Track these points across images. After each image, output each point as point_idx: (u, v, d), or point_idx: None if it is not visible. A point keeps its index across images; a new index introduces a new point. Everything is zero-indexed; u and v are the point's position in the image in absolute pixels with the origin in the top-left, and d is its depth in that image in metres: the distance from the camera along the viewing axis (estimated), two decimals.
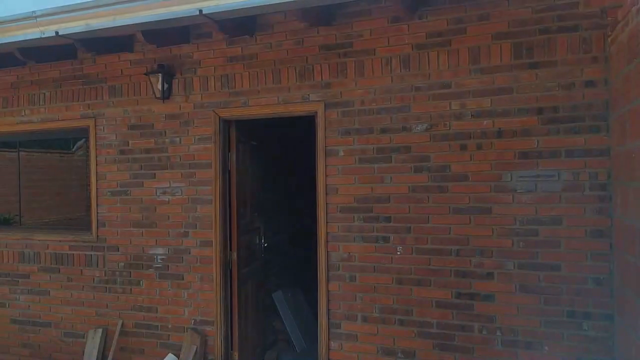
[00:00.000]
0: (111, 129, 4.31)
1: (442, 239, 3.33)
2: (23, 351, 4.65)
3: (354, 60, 3.56)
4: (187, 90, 4.08)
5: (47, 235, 4.58)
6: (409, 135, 3.42)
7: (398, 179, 3.44)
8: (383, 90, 3.48)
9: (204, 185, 4.03)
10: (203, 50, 4.03)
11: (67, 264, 4.46)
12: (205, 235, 4.03)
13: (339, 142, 3.61)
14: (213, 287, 4.00)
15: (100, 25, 3.48)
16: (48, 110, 4.53)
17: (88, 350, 4.26)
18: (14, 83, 4.67)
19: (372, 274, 3.51)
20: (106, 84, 4.32)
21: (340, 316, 3.60)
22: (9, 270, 4.69)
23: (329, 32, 3.63)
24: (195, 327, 4.04)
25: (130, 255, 4.26)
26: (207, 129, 4.02)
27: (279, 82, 3.79)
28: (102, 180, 4.36)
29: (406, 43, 3.44)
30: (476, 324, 3.26)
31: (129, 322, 4.25)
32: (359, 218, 3.55)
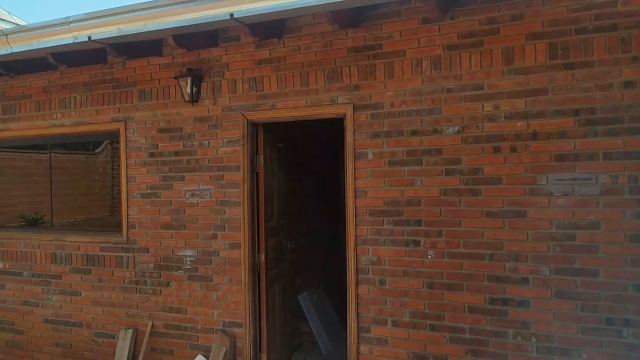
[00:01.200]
0: (141, 132, 4.37)
1: (474, 243, 3.28)
2: (56, 350, 4.74)
3: (383, 62, 3.53)
4: (215, 94, 4.10)
5: (78, 236, 4.67)
6: (440, 138, 3.37)
7: (429, 182, 3.40)
8: (413, 92, 3.45)
9: (232, 188, 4.05)
10: (231, 53, 4.05)
11: (98, 265, 4.53)
12: (234, 237, 4.05)
13: (368, 145, 3.58)
14: (241, 289, 4.02)
15: (132, 30, 3.53)
16: (79, 113, 4.61)
17: (119, 351, 4.33)
18: (45, 87, 4.77)
19: (402, 278, 3.47)
20: (136, 88, 4.38)
21: (370, 320, 3.58)
22: (42, 271, 4.80)
23: (357, 34, 3.61)
24: (224, 329, 4.07)
25: (160, 257, 4.31)
26: (235, 132, 4.04)
27: (307, 84, 3.78)
28: (132, 182, 4.41)
29: (437, 44, 3.39)
30: (510, 330, 3.20)
31: (159, 322, 4.30)
32: (389, 221, 3.51)
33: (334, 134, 4.73)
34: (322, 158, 5.91)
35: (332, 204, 6.16)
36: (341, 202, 6.01)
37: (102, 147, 6.70)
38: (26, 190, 5.76)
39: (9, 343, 4.97)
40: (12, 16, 10.21)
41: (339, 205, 6.10)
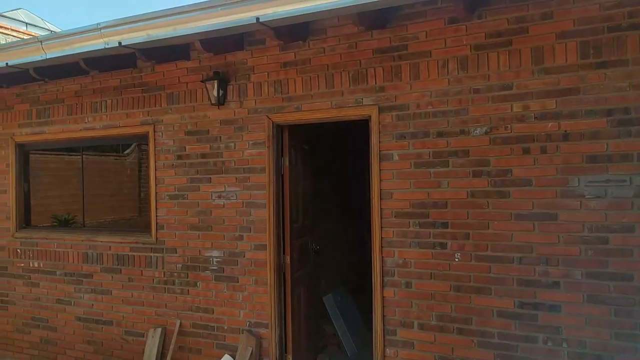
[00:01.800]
0: (169, 134, 4.45)
1: (503, 246, 3.22)
2: (87, 348, 4.88)
3: (408, 63, 3.51)
4: (241, 96, 4.15)
5: (109, 236, 4.78)
6: (467, 139, 3.33)
7: (456, 183, 3.36)
8: (439, 92, 3.41)
9: (258, 190, 4.09)
10: (257, 56, 4.09)
11: (128, 265, 4.64)
12: (259, 238, 4.09)
13: (394, 147, 3.56)
14: (267, 290, 4.05)
15: (161, 35, 3.60)
16: (109, 117, 4.73)
17: (148, 349, 4.42)
18: (77, 91, 4.91)
19: (428, 280, 3.44)
20: (164, 92, 4.46)
21: (396, 323, 3.56)
22: (74, 270, 4.94)
23: (383, 35, 3.59)
24: (250, 329, 4.11)
25: (188, 257, 4.38)
26: (260, 134, 4.07)
27: (332, 86, 3.79)
28: (160, 184, 4.50)
29: (464, 44, 3.35)
30: (540, 335, 3.13)
31: (187, 322, 4.37)
32: (415, 223, 3.49)
33: (359, 135, 4.72)
34: (346, 159, 5.92)
35: (356, 205, 6.15)
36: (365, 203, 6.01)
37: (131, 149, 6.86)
38: (58, 191, 5.94)
39: (44, 340, 5.13)
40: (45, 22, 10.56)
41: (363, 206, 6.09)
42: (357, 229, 6.15)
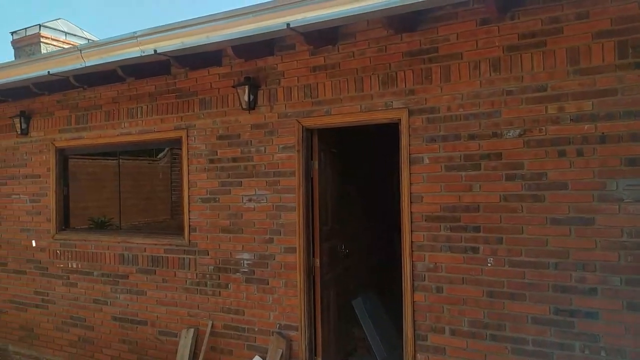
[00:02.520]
0: (201, 139, 4.55)
1: (538, 251, 3.15)
2: (122, 347, 5.02)
3: (439, 66, 3.48)
4: (271, 101, 4.20)
5: (144, 239, 4.92)
6: (499, 142, 3.28)
7: (488, 187, 3.31)
8: (471, 95, 3.37)
9: (288, 193, 4.13)
10: (287, 61, 4.14)
11: (162, 266, 4.75)
12: (289, 241, 4.12)
13: (424, 150, 3.54)
14: (297, 293, 4.08)
15: (195, 42, 3.69)
16: (145, 122, 4.87)
17: (181, 349, 4.52)
18: (114, 98, 5.07)
19: (460, 285, 3.40)
20: (197, 97, 4.57)
21: (427, 328, 3.52)
22: (111, 271, 5.09)
23: (412, 38, 3.58)
24: (280, 331, 4.14)
25: (219, 260, 4.46)
26: (290, 138, 4.11)
27: (362, 90, 3.79)
28: (193, 187, 4.60)
29: (496, 45, 3.30)
30: (577, 343, 3.04)
31: (218, 323, 4.44)
32: (446, 227, 3.45)
33: (387, 138, 4.71)
34: (375, 163, 5.90)
35: (384, 208, 6.12)
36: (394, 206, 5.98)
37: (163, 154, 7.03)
38: (94, 194, 6.15)
39: (81, 338, 5.31)
40: (83, 32, 10.94)
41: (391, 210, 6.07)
42: (385, 232, 6.13)
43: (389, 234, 5.91)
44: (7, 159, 5.88)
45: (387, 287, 5.86)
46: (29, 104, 5.64)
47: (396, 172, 3.82)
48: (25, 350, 5.75)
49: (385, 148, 5.35)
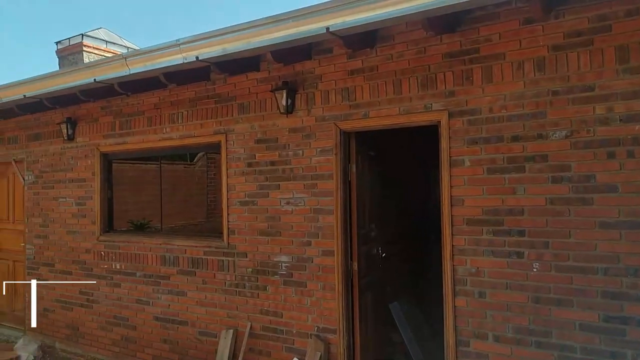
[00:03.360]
0: (240, 143, 4.62)
1: (586, 256, 3.05)
2: (163, 346, 5.14)
3: (480, 66, 3.43)
4: (309, 105, 4.23)
5: (184, 240, 5.03)
6: (545, 143, 3.19)
7: (533, 190, 3.22)
8: (514, 96, 3.30)
9: (326, 196, 4.14)
10: (324, 65, 4.16)
11: (202, 268, 4.85)
12: (327, 244, 4.13)
13: (465, 152, 3.49)
14: (335, 296, 4.08)
15: (235, 48, 3.76)
16: (185, 127, 4.99)
17: (220, 350, 4.59)
18: (156, 104, 5.22)
19: (504, 291, 3.32)
20: (235, 102, 4.65)
21: (469, 334, 3.46)
22: (153, 272, 5.23)
23: (453, 39, 3.54)
24: (318, 334, 4.15)
25: (257, 262, 4.51)
26: (328, 141, 4.13)
27: (400, 92, 3.77)
28: (232, 191, 4.68)
29: (540, 45, 3.23)
30: (629, 352, 2.92)
31: (257, 324, 4.49)
32: (488, 231, 3.38)
33: (425, 140, 4.66)
34: (413, 165, 5.85)
35: (422, 211, 6.06)
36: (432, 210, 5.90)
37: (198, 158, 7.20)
38: (134, 197, 6.35)
39: (124, 337, 5.47)
40: (123, 40, 11.32)
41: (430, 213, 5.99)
42: (423, 236, 6.06)
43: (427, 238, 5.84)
44: (54, 164, 6.13)
45: (426, 291, 5.79)
46: (75, 110, 5.87)
47: (434, 174, 3.78)
48: (71, 348, 5.97)
49: (423, 150, 5.29)
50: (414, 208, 6.01)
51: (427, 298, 5.44)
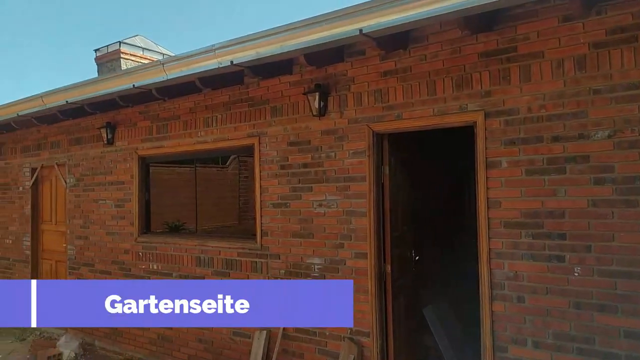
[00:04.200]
0: (273, 146, 4.67)
1: (631, 261, 2.93)
2: (199, 346, 5.23)
3: (518, 65, 3.35)
4: (341, 107, 4.24)
5: (218, 242, 5.11)
6: (586, 144, 3.09)
7: (574, 191, 3.13)
8: (554, 95, 3.21)
9: (358, 198, 4.13)
10: (357, 67, 4.16)
11: (235, 269, 4.91)
12: (360, 247, 4.12)
13: (502, 153, 3.41)
14: (368, 299, 4.06)
15: (269, 52, 3.81)
16: (219, 131, 5.08)
17: (254, 350, 4.64)
18: (191, 108, 5.34)
19: (544, 295, 3.23)
20: (268, 105, 4.70)
21: (507, 339, 3.37)
22: (188, 273, 5.33)
23: (489, 38, 3.48)
24: (351, 337, 4.14)
25: (290, 264, 4.54)
26: (360, 143, 4.12)
27: (434, 93, 3.73)
28: (265, 193, 4.72)
29: (581, 42, 3.13)
30: None
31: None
32: (527, 234, 3.30)
33: (458, 142, 4.59)
34: (447, 166, 5.77)
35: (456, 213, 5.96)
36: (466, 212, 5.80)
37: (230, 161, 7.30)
38: (169, 199, 6.49)
39: (160, 336, 5.60)
40: (158, 46, 11.63)
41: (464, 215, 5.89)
42: (457, 238, 5.96)
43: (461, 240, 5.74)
44: (95, 167, 6.35)
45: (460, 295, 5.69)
46: (114, 115, 6.07)
47: (469, 176, 3.72)
48: (110, 346, 6.15)
49: (457, 151, 5.22)
50: (448, 210, 5.92)
51: (461, 302, 5.34)
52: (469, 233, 4.19)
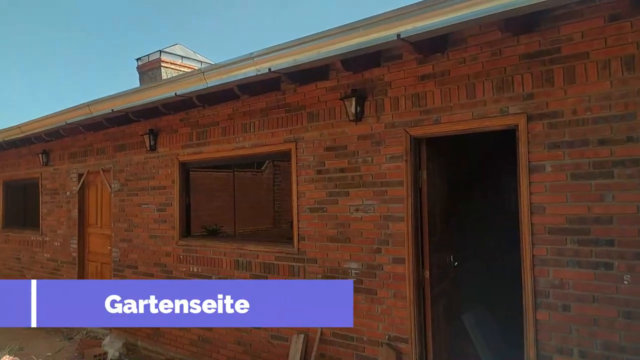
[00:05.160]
0: (309, 151, 4.71)
1: None
2: (237, 348, 5.31)
3: (562, 67, 3.26)
4: (378, 111, 4.23)
5: (256, 246, 5.19)
6: (635, 147, 2.98)
7: (623, 196, 3.01)
8: (600, 97, 3.11)
9: (396, 203, 4.11)
10: (393, 71, 4.15)
11: (273, 273, 4.97)
12: (398, 252, 4.09)
13: (546, 157, 3.32)
14: (406, 305, 4.03)
15: (306, 59, 3.86)
16: (257, 136, 5.17)
17: (292, 354, 4.67)
18: (230, 114, 5.45)
19: (591, 304, 3.12)
20: (305, 111, 4.75)
21: (552, 349, 3.27)
22: (227, 276, 5.43)
23: (530, 40, 3.40)
24: (389, 343, 4.11)
25: (327, 268, 4.55)
26: (397, 148, 4.10)
27: (474, 96, 3.68)
28: (301, 197, 4.77)
29: (629, 42, 3.02)
30: None
31: (327, 330, 4.52)
32: (573, 241, 3.19)
33: (500, 145, 4.49)
34: (486, 171, 5.66)
35: (495, 219, 5.83)
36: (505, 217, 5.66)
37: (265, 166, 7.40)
38: (207, 204, 6.64)
39: (201, 338, 5.72)
40: (197, 55, 11.94)
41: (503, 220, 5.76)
42: (496, 244, 5.83)
43: (502, 246, 5.61)
44: (138, 172, 6.57)
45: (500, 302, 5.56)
46: (156, 122, 6.27)
47: (509, 180, 3.63)
48: (152, 346, 6.33)
49: (496, 155, 5.12)
50: (488, 215, 5.80)
51: (502, 309, 5.22)
52: (510, 238, 4.10)
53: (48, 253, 8.33)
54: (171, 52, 11.59)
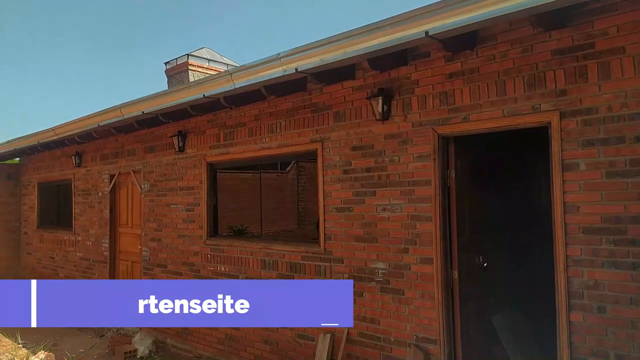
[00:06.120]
0: (335, 150, 4.71)
1: None
2: (264, 347, 5.35)
3: (596, 62, 3.18)
4: (405, 110, 4.20)
5: (282, 246, 5.22)
6: None
7: None
8: (637, 92, 3.01)
9: (423, 203, 4.07)
10: (421, 70, 4.11)
11: (300, 273, 4.99)
12: (425, 252, 4.05)
13: (580, 155, 3.24)
14: (434, 305, 3.98)
15: (333, 58, 3.86)
16: (283, 137, 5.20)
17: (318, 353, 4.68)
18: (256, 115, 5.50)
19: (628, 306, 3.02)
20: (331, 111, 4.75)
21: (586, 352, 3.18)
22: (254, 275, 5.48)
23: (563, 35, 3.32)
24: (417, 344, 4.07)
25: (353, 268, 4.54)
26: (425, 147, 4.06)
27: (504, 93, 3.61)
28: (328, 197, 4.77)
29: None
30: None
31: (354, 330, 4.51)
32: (608, 241, 3.10)
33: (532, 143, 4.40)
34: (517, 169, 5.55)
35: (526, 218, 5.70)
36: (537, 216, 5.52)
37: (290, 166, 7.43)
38: (232, 204, 6.71)
39: (228, 336, 5.78)
40: (223, 57, 12.10)
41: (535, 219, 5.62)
42: (527, 244, 5.70)
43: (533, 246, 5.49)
44: (167, 173, 6.70)
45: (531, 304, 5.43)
46: (184, 124, 6.38)
47: (541, 179, 3.55)
48: (180, 344, 6.43)
49: (528, 153, 5.00)
50: (519, 215, 5.67)
51: (533, 311, 5.09)
52: (542, 238, 4.00)
53: (80, 252, 8.57)
54: (198, 56, 11.79)
